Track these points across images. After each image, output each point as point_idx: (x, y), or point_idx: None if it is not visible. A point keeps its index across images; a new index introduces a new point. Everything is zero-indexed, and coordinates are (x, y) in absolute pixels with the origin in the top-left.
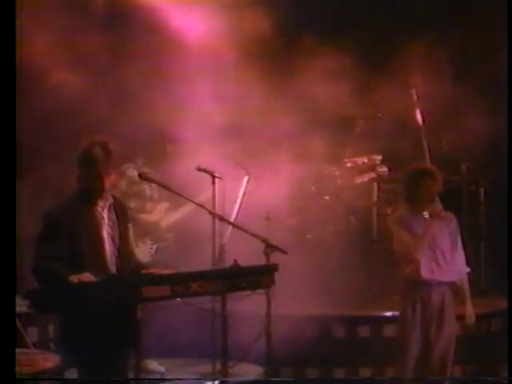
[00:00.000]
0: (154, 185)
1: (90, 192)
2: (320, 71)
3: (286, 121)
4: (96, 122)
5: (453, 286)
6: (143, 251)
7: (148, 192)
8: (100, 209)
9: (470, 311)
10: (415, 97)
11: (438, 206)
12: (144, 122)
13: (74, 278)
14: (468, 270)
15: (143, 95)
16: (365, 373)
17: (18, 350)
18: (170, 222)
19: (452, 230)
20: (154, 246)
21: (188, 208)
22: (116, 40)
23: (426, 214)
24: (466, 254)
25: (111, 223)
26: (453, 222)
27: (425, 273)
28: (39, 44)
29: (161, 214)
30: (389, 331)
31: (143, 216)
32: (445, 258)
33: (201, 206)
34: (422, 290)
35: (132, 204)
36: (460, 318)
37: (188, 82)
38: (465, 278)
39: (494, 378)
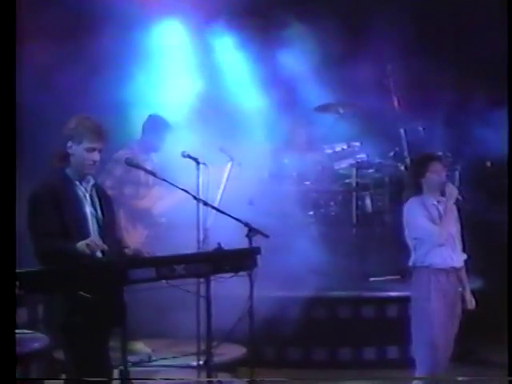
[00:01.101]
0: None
1: (73, 171)
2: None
3: (266, 107)
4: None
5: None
6: (134, 237)
7: (143, 178)
8: (83, 188)
9: (469, 297)
10: (392, 84)
11: (454, 189)
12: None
13: (82, 245)
14: (465, 256)
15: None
16: (345, 354)
17: None
18: (163, 209)
19: (456, 217)
20: (145, 232)
21: (179, 194)
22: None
23: (441, 199)
24: (463, 240)
25: (94, 203)
26: (455, 208)
27: (446, 259)
28: None
29: (153, 200)
30: (367, 312)
31: (136, 202)
32: (455, 245)
33: (185, 191)
34: (441, 276)
35: (126, 190)
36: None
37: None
38: (463, 265)
39: (494, 378)
